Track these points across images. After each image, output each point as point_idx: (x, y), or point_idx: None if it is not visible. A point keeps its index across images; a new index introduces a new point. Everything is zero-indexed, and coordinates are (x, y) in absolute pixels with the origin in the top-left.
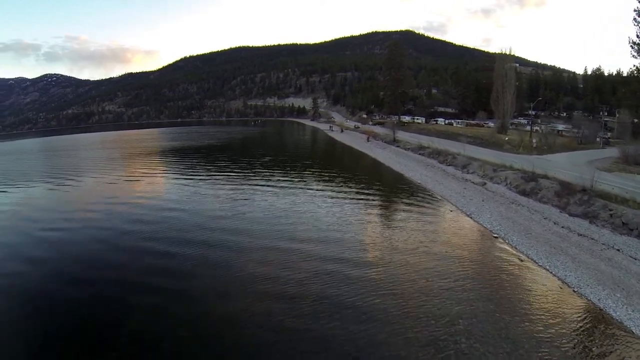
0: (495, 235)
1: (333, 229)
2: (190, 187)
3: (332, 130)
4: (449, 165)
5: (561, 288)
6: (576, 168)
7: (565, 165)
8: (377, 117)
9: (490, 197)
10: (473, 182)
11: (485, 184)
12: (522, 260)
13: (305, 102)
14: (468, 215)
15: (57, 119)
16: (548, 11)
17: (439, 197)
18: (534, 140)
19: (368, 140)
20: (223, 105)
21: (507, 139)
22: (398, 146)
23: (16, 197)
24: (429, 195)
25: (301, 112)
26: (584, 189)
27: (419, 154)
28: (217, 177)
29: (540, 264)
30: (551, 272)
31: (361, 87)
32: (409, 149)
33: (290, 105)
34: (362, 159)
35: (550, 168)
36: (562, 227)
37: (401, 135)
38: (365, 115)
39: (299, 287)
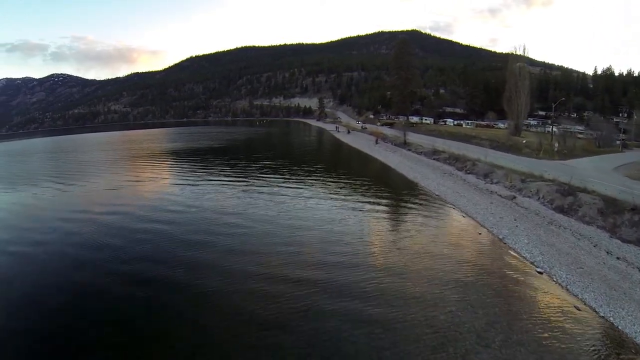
0: (538, 269)
1: (341, 252)
2: (187, 195)
3: (338, 131)
4: (468, 173)
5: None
6: (607, 176)
7: (592, 173)
8: (385, 118)
9: (523, 214)
10: (500, 195)
11: (514, 197)
12: (578, 309)
13: (312, 102)
14: (501, 240)
15: (63, 118)
16: (555, 10)
17: (463, 214)
18: (556, 145)
19: (377, 143)
20: (229, 105)
21: (524, 142)
22: (409, 149)
23: (36, 196)
24: (451, 210)
25: (307, 112)
26: (634, 208)
27: (434, 159)
28: (213, 183)
29: (602, 314)
30: (617, 327)
31: (368, 87)
32: (421, 152)
33: (296, 105)
34: (371, 163)
35: (580, 176)
36: (618, 258)
37: (411, 137)
38: (372, 116)
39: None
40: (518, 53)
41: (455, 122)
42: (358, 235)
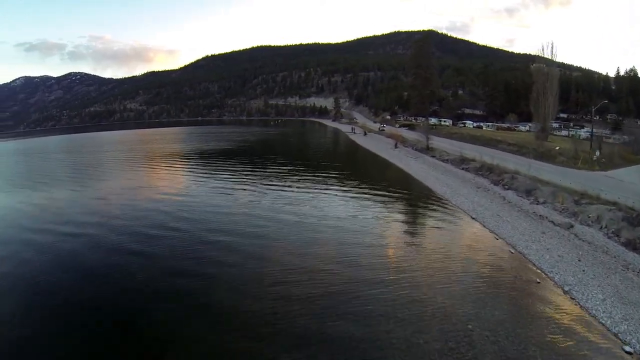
0: (628, 349)
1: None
2: (197, 200)
3: (354, 132)
4: (507, 188)
5: None
6: None
7: None
8: (402, 119)
9: (587, 252)
10: (553, 222)
11: (571, 226)
12: None
13: (327, 102)
14: (566, 292)
15: (80, 116)
16: (574, 10)
17: (511, 248)
18: (597, 153)
19: (396, 147)
20: (244, 104)
21: (557, 148)
22: (433, 156)
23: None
24: (493, 240)
25: (323, 112)
26: None
27: (462, 169)
28: (218, 189)
29: None
30: None
31: (384, 88)
32: (447, 160)
33: (312, 105)
34: (391, 172)
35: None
36: None
37: (432, 140)
38: (389, 117)
39: None
40: (545, 55)
41: (475, 124)
42: (382, 276)
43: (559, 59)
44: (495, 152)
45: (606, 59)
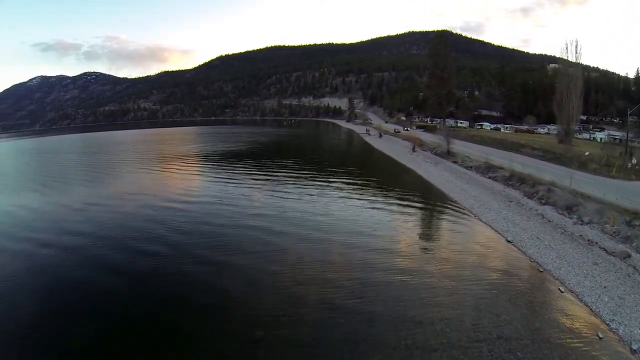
0: None
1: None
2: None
3: (369, 134)
4: (543, 203)
5: None
6: None
7: None
8: (417, 120)
9: None
10: (605, 250)
11: (628, 256)
12: None
13: (341, 103)
14: (634, 352)
15: (94, 115)
16: (590, 10)
17: (560, 286)
18: (633, 160)
19: (414, 151)
20: (257, 104)
21: (587, 154)
22: (455, 162)
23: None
24: (535, 272)
25: (337, 112)
26: None
27: (489, 178)
28: (224, 195)
29: None
30: None
31: (399, 88)
32: (471, 167)
33: (326, 105)
34: (410, 179)
35: None
36: None
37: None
38: (404, 118)
39: None
40: (569, 54)
41: (493, 126)
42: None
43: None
44: (520, 157)
45: (625, 60)
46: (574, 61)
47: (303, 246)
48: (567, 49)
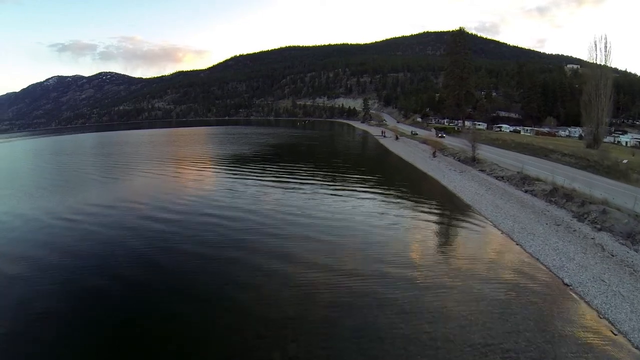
0: None
1: None
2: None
3: (384, 136)
4: (598, 228)
5: None
6: None
7: None
8: (434, 122)
9: None
10: None
11: None
12: None
13: (356, 103)
14: None
15: (109, 114)
16: (606, 9)
17: None
18: None
19: (434, 156)
20: (271, 104)
21: (625, 161)
22: (482, 170)
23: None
24: (615, 341)
25: (351, 113)
26: None
27: (526, 192)
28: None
29: None
30: None
31: (414, 89)
32: (502, 177)
33: (340, 105)
34: (433, 190)
35: None
36: None
37: (463, 146)
38: (419, 119)
39: None
40: (597, 52)
41: (512, 129)
42: None
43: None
44: (550, 164)
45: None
46: (603, 59)
47: (323, 250)
48: (595, 46)
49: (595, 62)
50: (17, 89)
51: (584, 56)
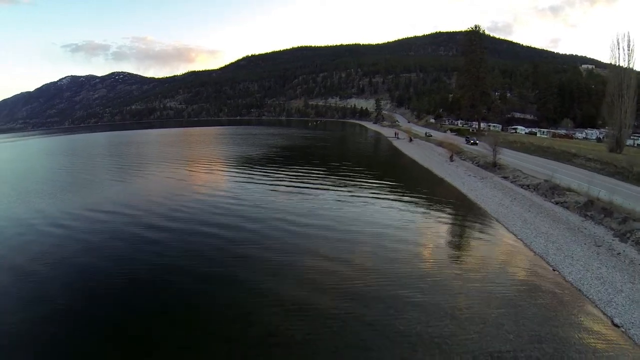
0: None
1: None
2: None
3: (397, 137)
4: None
5: None
6: None
7: None
8: (447, 123)
9: None
10: None
11: None
12: None
13: (368, 104)
14: None
15: (121, 114)
16: (620, 8)
17: None
18: None
19: (451, 160)
20: (283, 104)
21: None
22: (504, 177)
23: None
24: None
25: (363, 113)
26: None
27: (557, 204)
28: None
29: None
30: None
31: (427, 89)
32: (528, 186)
33: (352, 106)
34: (453, 199)
35: None
36: None
37: (481, 150)
38: (433, 120)
39: None
40: (620, 50)
41: (527, 130)
42: None
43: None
44: (574, 169)
45: None
46: (626, 59)
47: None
48: (617, 44)
49: (617, 61)
50: (31, 89)
51: (598, 56)
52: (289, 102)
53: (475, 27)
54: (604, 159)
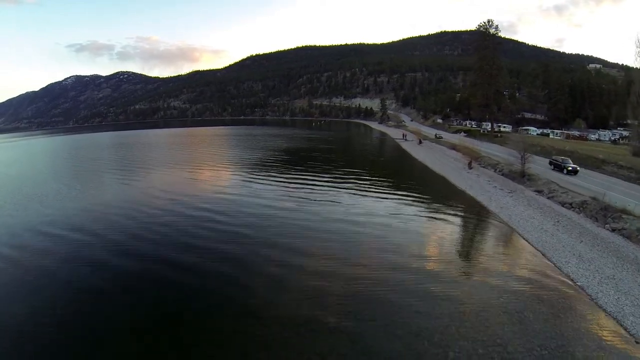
0: None
1: None
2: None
3: (405, 139)
4: None
5: None
6: None
7: None
8: (455, 123)
9: None
10: None
11: None
12: None
13: (373, 104)
14: None
15: (125, 113)
16: (626, 7)
17: None
18: None
19: (470, 167)
20: (287, 104)
21: None
22: (537, 191)
23: None
24: None
25: (368, 113)
26: None
27: (613, 231)
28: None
29: None
30: None
31: (432, 89)
32: (570, 204)
33: (357, 105)
34: (479, 218)
35: None
36: None
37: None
38: (440, 120)
39: None
40: None
41: (539, 131)
42: None
43: (614, 59)
44: (605, 178)
45: None
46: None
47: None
48: None
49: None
50: (36, 88)
51: (605, 55)
52: (293, 102)
53: (489, 22)
54: (637, 166)
